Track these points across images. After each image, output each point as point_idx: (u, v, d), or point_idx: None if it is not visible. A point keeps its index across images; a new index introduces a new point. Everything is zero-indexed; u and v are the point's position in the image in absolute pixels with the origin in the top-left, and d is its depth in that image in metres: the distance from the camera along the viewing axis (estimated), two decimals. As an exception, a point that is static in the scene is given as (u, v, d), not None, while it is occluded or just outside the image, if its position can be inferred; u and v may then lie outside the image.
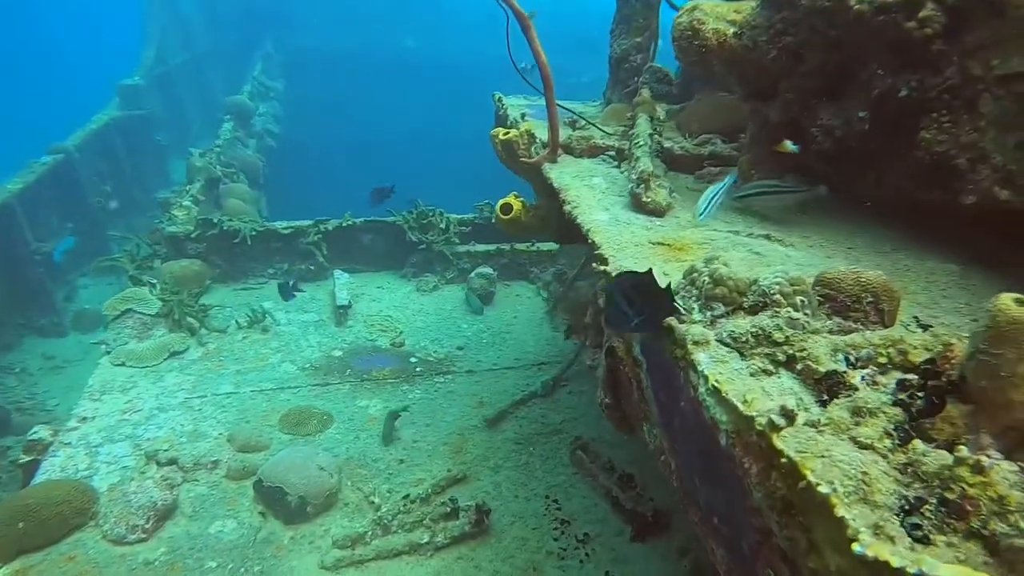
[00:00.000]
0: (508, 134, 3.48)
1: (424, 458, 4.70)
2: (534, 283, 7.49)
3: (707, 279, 1.84)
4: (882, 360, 1.50)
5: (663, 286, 1.77)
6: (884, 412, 1.34)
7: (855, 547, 1.08)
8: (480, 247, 7.61)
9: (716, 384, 1.56)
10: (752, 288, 1.78)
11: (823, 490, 1.17)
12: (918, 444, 1.25)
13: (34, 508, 3.75)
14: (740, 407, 1.46)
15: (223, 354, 5.82)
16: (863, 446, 1.29)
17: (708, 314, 1.82)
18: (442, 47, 18.16)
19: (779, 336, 1.63)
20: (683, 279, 1.95)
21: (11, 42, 27.68)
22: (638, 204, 2.82)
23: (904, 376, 1.42)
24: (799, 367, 1.57)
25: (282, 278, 6.96)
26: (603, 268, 2.34)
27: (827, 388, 1.50)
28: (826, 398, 1.48)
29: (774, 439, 1.33)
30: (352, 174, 10.98)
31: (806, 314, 1.67)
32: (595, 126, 3.94)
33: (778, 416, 1.35)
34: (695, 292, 1.88)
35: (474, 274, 7.12)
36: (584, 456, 4.60)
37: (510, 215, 3.68)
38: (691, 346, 1.71)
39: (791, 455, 1.28)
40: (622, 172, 3.34)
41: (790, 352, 1.61)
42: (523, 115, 4.58)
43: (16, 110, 23.91)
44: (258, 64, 14.35)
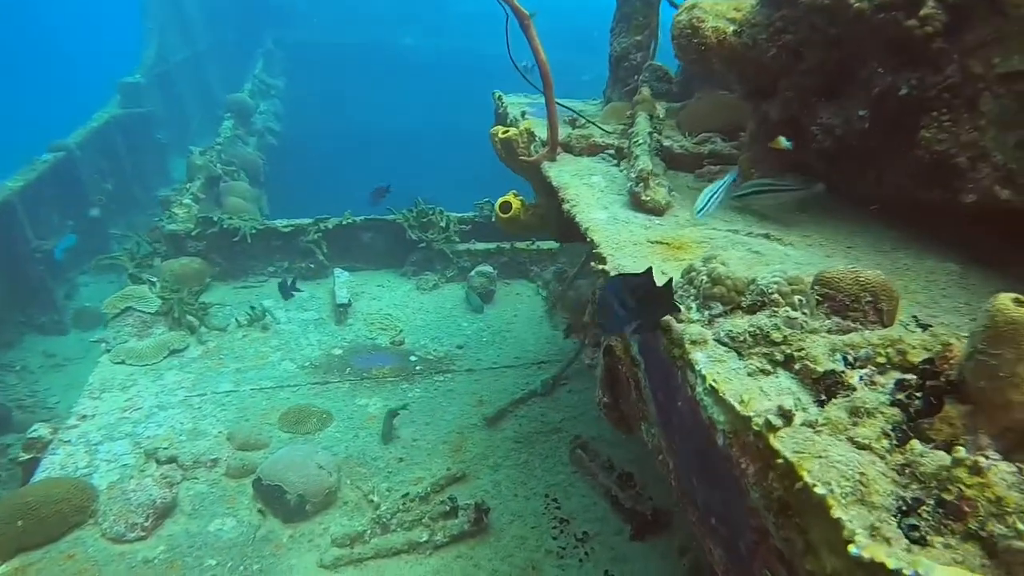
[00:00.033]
0: (507, 132, 3.47)
1: (423, 457, 4.70)
2: (534, 281, 7.48)
3: (705, 278, 1.84)
4: (881, 360, 1.49)
5: (662, 284, 1.76)
6: (882, 412, 1.33)
7: (851, 548, 1.07)
8: (480, 245, 7.59)
9: (713, 384, 1.55)
10: (750, 287, 1.77)
11: (819, 491, 1.17)
12: (916, 445, 1.24)
13: (33, 506, 3.76)
14: (737, 407, 1.46)
15: (223, 352, 5.82)
16: (861, 446, 1.29)
17: (706, 313, 1.81)
18: (443, 45, 18.17)
19: (777, 336, 1.62)
20: (681, 278, 1.95)
21: (12, 40, 27.70)
22: (637, 203, 2.81)
23: (903, 376, 1.41)
24: (797, 367, 1.56)
25: (282, 277, 6.97)
26: (601, 267, 2.34)
27: (825, 388, 1.49)
28: (824, 398, 1.47)
29: (771, 439, 1.33)
30: (353, 172, 10.98)
31: (804, 313, 1.66)
32: (595, 124, 3.93)
33: (775, 416, 1.34)
34: (693, 291, 1.88)
35: (474, 272, 7.11)
36: (583, 455, 4.59)
37: (509, 213, 3.68)
38: (689, 345, 1.71)
39: (788, 455, 1.28)
40: (621, 170, 3.33)
41: (788, 352, 1.60)
42: (523, 113, 4.57)
43: (17, 108, 23.91)
44: (259, 62, 14.34)
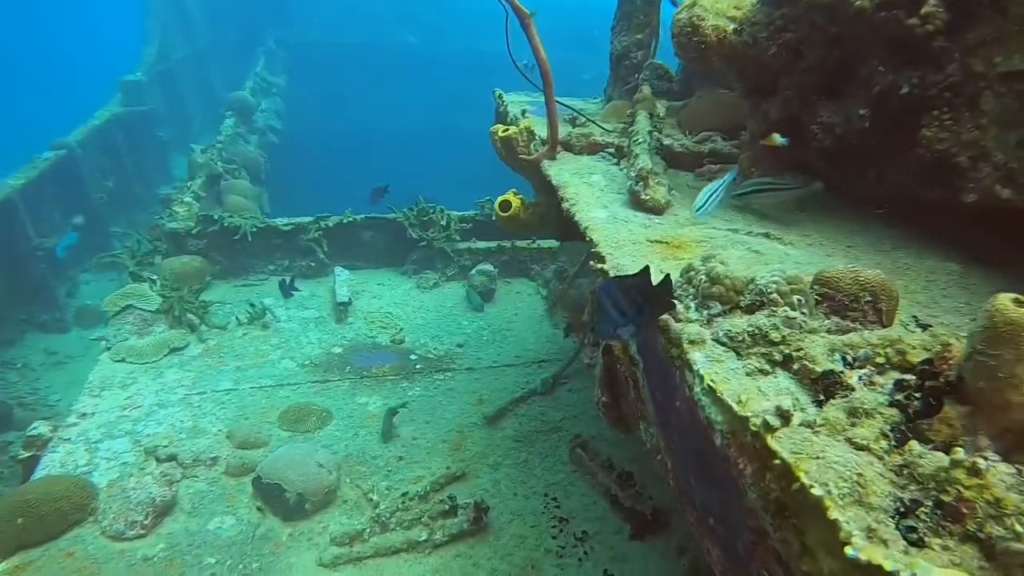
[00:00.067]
0: (507, 131, 3.46)
1: (423, 455, 4.70)
2: (535, 280, 7.47)
3: (704, 277, 1.83)
4: (880, 360, 1.48)
5: (658, 282, 1.74)
6: (881, 413, 1.32)
7: (848, 550, 1.06)
8: (481, 244, 7.59)
9: (711, 384, 1.55)
10: (749, 287, 1.76)
11: (816, 492, 1.16)
12: (914, 446, 1.23)
13: (33, 504, 3.76)
14: (735, 407, 1.45)
15: (223, 350, 5.82)
16: (859, 447, 1.28)
17: (704, 313, 1.80)
18: (444, 44, 18.16)
19: (776, 335, 1.62)
20: (680, 277, 1.94)
21: (13, 38, 27.73)
22: (637, 202, 2.80)
23: (902, 377, 1.40)
24: (796, 367, 1.55)
25: (282, 275, 6.97)
26: (600, 266, 2.33)
27: (824, 388, 1.48)
28: (822, 398, 1.46)
29: (768, 440, 1.32)
30: (354, 170, 10.99)
31: (803, 313, 1.65)
32: (595, 123, 3.92)
33: (773, 417, 1.34)
34: (692, 291, 1.87)
35: (475, 271, 7.11)
36: (583, 454, 4.59)
37: (509, 212, 3.67)
38: (687, 345, 1.70)
39: (785, 456, 1.27)
40: (621, 169, 3.32)
41: (787, 352, 1.59)
42: (523, 112, 4.56)
43: (17, 108, 23.94)
44: (260, 60, 14.32)
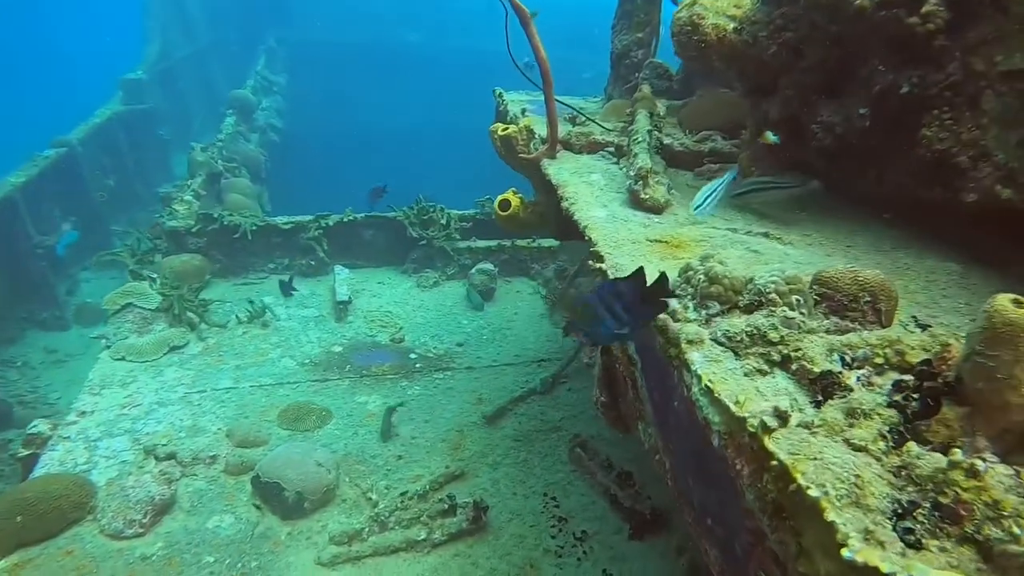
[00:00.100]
0: (507, 130, 3.45)
1: (422, 454, 4.70)
2: (535, 279, 7.46)
3: (702, 277, 1.82)
4: (879, 361, 1.48)
5: (654, 281, 1.73)
6: (879, 414, 1.31)
7: (845, 552, 1.06)
8: (481, 243, 7.58)
9: (709, 384, 1.54)
10: (748, 287, 1.75)
11: (813, 493, 1.15)
12: (912, 447, 1.22)
13: (32, 502, 3.76)
14: (732, 408, 1.44)
15: (223, 349, 5.82)
16: (857, 448, 1.27)
17: (703, 313, 1.79)
18: (445, 43, 18.15)
19: (774, 336, 1.61)
20: (678, 277, 1.93)
21: (13, 37, 27.73)
22: (636, 201, 2.79)
23: (900, 377, 1.39)
24: (794, 367, 1.55)
25: (282, 274, 6.97)
26: (599, 265, 2.32)
27: (822, 389, 1.47)
28: (821, 399, 1.45)
29: (766, 441, 1.31)
30: (354, 169, 11.00)
31: (802, 313, 1.64)
32: (595, 122, 3.91)
33: (771, 417, 1.33)
34: (690, 290, 1.86)
35: (475, 270, 7.10)
36: (583, 454, 4.58)
37: (508, 211, 3.67)
38: (685, 345, 1.69)
39: (782, 457, 1.26)
40: (621, 168, 3.31)
41: (785, 352, 1.58)
42: (523, 111, 4.55)
43: (17, 107, 23.95)
44: (261, 58, 14.33)
